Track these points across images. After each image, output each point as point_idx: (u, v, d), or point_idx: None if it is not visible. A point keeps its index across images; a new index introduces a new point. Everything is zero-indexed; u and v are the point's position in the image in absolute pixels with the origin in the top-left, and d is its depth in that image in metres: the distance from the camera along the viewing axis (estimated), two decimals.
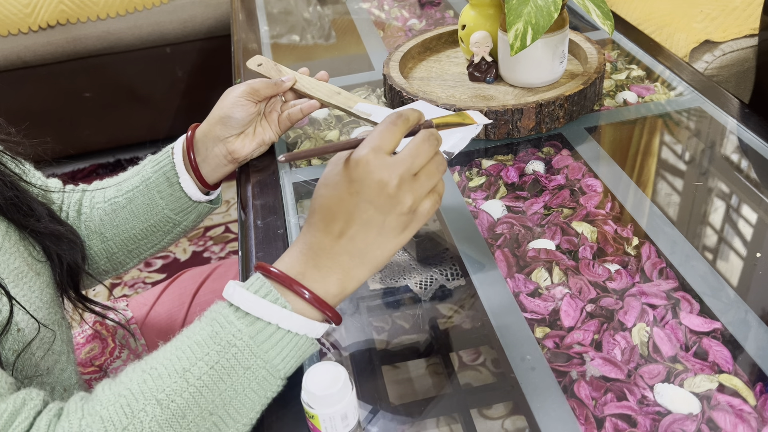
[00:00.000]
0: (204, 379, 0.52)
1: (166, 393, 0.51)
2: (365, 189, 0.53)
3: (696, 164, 0.85)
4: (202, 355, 0.52)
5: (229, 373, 0.52)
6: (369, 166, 0.53)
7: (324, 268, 0.55)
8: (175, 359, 0.52)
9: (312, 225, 0.56)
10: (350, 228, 0.54)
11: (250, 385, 0.53)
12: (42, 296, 0.66)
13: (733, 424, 0.53)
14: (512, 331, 0.63)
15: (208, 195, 0.86)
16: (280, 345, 0.53)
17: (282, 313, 0.53)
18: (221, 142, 0.82)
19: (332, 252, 0.55)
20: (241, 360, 0.52)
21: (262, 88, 0.84)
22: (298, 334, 0.54)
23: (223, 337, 0.53)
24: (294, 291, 0.54)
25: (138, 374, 0.53)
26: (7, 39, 2.01)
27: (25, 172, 0.76)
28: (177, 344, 0.54)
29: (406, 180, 0.53)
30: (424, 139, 0.55)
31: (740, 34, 1.38)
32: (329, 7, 1.49)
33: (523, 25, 0.84)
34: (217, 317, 0.54)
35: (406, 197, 0.54)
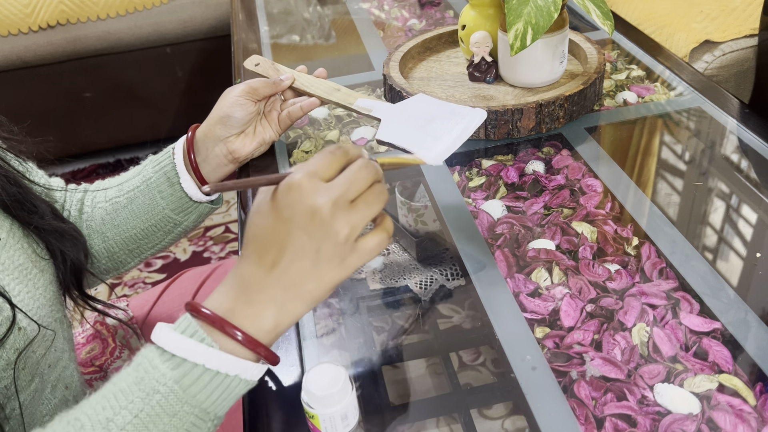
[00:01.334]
0: (128, 429, 0.49)
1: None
2: (297, 215, 0.49)
3: (696, 164, 0.85)
4: (126, 403, 0.49)
5: (154, 422, 0.49)
6: (301, 190, 0.49)
7: (256, 303, 0.51)
8: (100, 409, 0.50)
9: (244, 257, 0.52)
10: (282, 258, 0.50)
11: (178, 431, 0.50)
12: (45, 293, 0.67)
13: (733, 424, 0.53)
14: (512, 331, 0.63)
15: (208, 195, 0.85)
16: (209, 387, 0.50)
17: (208, 352, 0.49)
18: (221, 142, 0.82)
19: (264, 285, 0.51)
20: (166, 407, 0.49)
21: (261, 87, 0.84)
22: (228, 375, 0.50)
23: (147, 383, 0.49)
24: (224, 332, 0.50)
25: (63, 426, 0.50)
26: (7, 39, 2.01)
27: (28, 170, 0.76)
28: (103, 392, 0.51)
29: (341, 206, 0.49)
30: (362, 166, 0.51)
31: (740, 34, 1.38)
32: (329, 7, 1.49)
33: (523, 25, 0.84)
34: (143, 362, 0.50)
35: (340, 225, 0.49)
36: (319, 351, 0.64)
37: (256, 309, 0.51)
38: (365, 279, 0.73)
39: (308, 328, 0.67)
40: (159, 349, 0.50)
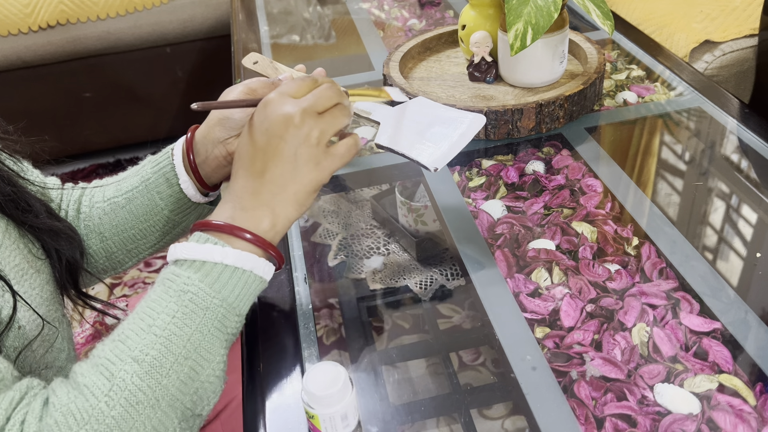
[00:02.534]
0: (170, 328, 0.54)
1: (139, 349, 0.54)
2: (272, 125, 0.58)
3: (696, 164, 0.85)
4: (161, 309, 0.55)
5: (191, 317, 0.55)
6: (274, 103, 0.58)
7: (250, 209, 0.58)
8: (138, 320, 0.55)
9: (233, 174, 0.60)
10: (266, 165, 0.58)
11: (213, 324, 0.55)
12: (42, 293, 0.67)
13: (733, 424, 0.53)
14: (512, 331, 0.63)
15: (207, 196, 0.85)
16: (230, 283, 0.56)
17: (224, 251, 0.56)
18: (221, 144, 0.82)
19: (255, 191, 0.58)
20: (198, 302, 0.55)
21: (259, 88, 0.83)
22: (244, 270, 0.57)
23: (175, 288, 0.56)
24: (234, 234, 0.57)
25: (108, 344, 0.55)
26: (7, 39, 2.01)
27: (23, 170, 0.76)
28: (136, 310, 0.56)
29: (309, 114, 0.58)
30: (328, 86, 0.61)
31: (740, 34, 1.38)
32: (329, 7, 1.49)
33: (523, 25, 0.84)
34: (166, 275, 0.57)
35: (311, 128, 0.58)
36: (319, 351, 0.64)
37: (252, 213, 0.58)
38: (365, 279, 0.73)
39: (308, 328, 0.67)
40: (177, 261, 0.57)
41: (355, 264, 0.75)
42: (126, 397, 0.52)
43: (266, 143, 0.58)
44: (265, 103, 0.59)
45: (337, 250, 0.77)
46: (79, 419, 0.51)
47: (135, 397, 0.52)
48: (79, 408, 0.52)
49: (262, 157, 0.58)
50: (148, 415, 0.52)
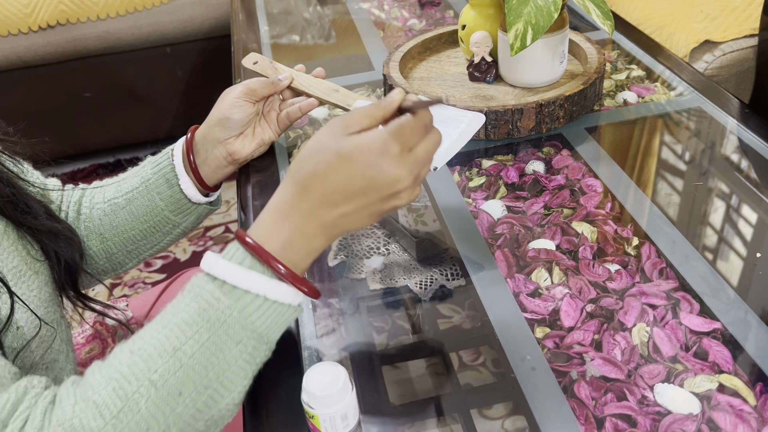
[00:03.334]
0: (196, 357, 0.52)
1: (159, 374, 0.51)
2: (379, 180, 0.53)
3: (696, 164, 0.85)
4: (191, 333, 0.52)
5: (221, 349, 0.52)
6: (393, 160, 0.53)
7: (311, 236, 0.55)
8: (164, 339, 0.52)
9: (305, 190, 0.54)
10: (348, 205, 0.54)
11: (242, 356, 0.53)
12: (40, 295, 0.67)
13: (733, 424, 0.53)
14: (512, 331, 0.63)
15: (207, 197, 0.85)
16: (266, 315, 0.54)
17: (270, 283, 0.54)
18: (221, 144, 0.82)
19: (322, 221, 0.55)
20: (232, 335, 0.53)
21: (259, 88, 0.83)
22: (283, 304, 0.55)
23: (212, 314, 0.53)
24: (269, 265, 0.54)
25: (127, 356, 0.52)
26: (7, 39, 2.01)
27: (23, 171, 0.76)
28: (164, 323, 0.54)
29: (416, 181, 0.55)
30: (436, 142, 0.57)
31: (740, 34, 1.38)
32: (329, 7, 1.49)
33: (523, 25, 0.84)
34: (202, 293, 0.54)
35: (407, 195, 0.56)
36: (319, 351, 0.64)
37: (310, 240, 0.55)
38: (365, 279, 0.73)
39: (308, 328, 0.67)
40: (217, 281, 0.54)
41: (355, 264, 0.75)
42: (137, 422, 0.50)
43: (362, 190, 0.54)
44: (384, 152, 0.53)
45: (337, 250, 0.77)
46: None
47: (146, 422, 0.50)
48: (83, 425, 0.49)
49: (351, 197, 0.54)
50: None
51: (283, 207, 0.55)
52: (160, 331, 0.53)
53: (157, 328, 0.54)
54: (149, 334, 0.54)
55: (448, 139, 0.73)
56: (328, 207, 0.54)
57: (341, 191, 0.54)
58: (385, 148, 0.53)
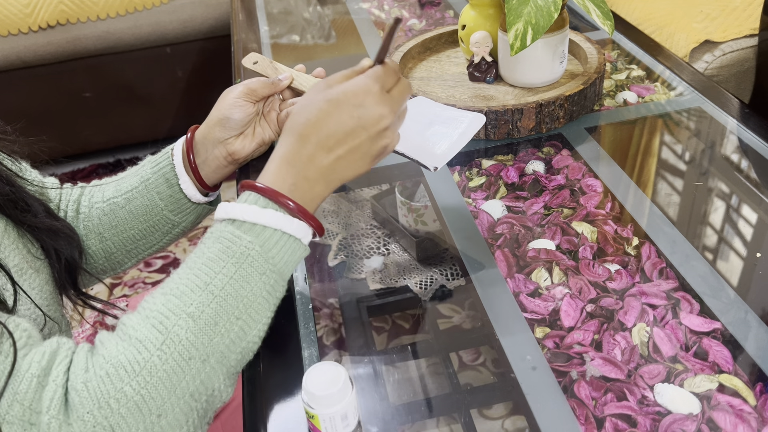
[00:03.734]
0: (227, 289, 0.56)
1: (195, 306, 0.55)
2: (366, 117, 0.59)
3: (696, 164, 0.85)
4: (219, 268, 0.56)
5: (247, 281, 0.56)
6: (374, 97, 0.59)
7: (312, 180, 0.60)
8: (194, 277, 0.56)
9: (303, 137, 0.60)
10: (342, 147, 0.59)
11: (266, 288, 0.57)
12: (41, 293, 0.67)
13: (733, 424, 0.53)
14: (512, 331, 0.63)
15: (207, 196, 0.85)
16: (283, 250, 0.58)
17: (285, 219, 0.58)
18: (221, 144, 0.82)
19: (320, 165, 0.60)
20: (257, 267, 0.57)
21: (259, 88, 0.83)
22: (296, 239, 0.59)
23: (236, 249, 0.57)
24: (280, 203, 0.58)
25: (159, 298, 0.56)
26: (7, 39, 2.01)
27: (21, 170, 0.76)
28: (190, 265, 0.57)
29: (398, 122, 0.62)
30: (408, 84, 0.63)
31: (740, 34, 1.38)
32: (329, 7, 1.49)
33: (523, 25, 0.84)
34: (224, 234, 0.58)
35: (393, 137, 0.62)
36: (319, 351, 0.64)
37: (313, 184, 0.60)
38: (365, 279, 0.73)
39: (308, 328, 0.67)
40: (237, 221, 0.58)
41: (355, 264, 0.75)
42: (180, 352, 0.53)
43: (352, 130, 0.59)
44: (367, 91, 0.60)
45: (337, 250, 0.77)
46: (130, 371, 0.52)
47: (188, 352, 0.53)
48: (130, 360, 0.52)
49: (343, 138, 0.59)
50: (199, 370, 0.54)
51: (285, 155, 0.60)
52: (189, 271, 0.57)
53: (185, 270, 0.57)
54: (178, 276, 0.57)
55: (448, 139, 0.73)
56: (324, 151, 0.59)
57: (334, 134, 0.59)
58: (367, 88, 0.60)
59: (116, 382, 0.51)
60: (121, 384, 0.51)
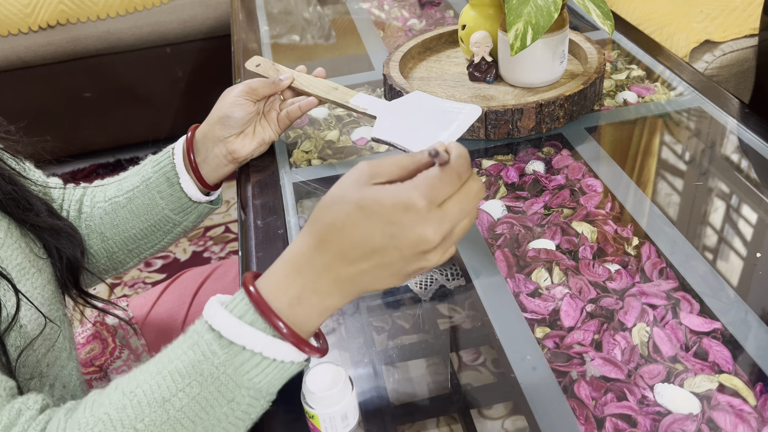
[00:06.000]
0: (185, 411, 0.50)
1: (145, 423, 0.50)
2: (403, 238, 0.47)
3: (696, 164, 0.85)
4: (183, 385, 0.50)
5: (211, 405, 0.50)
6: (418, 217, 0.47)
7: (322, 293, 0.50)
8: (156, 386, 0.51)
9: (324, 243, 0.49)
10: (367, 262, 0.49)
11: (234, 414, 0.51)
12: (43, 293, 0.67)
13: (733, 424, 0.53)
14: (512, 331, 0.63)
15: (208, 195, 0.86)
16: (265, 372, 0.51)
17: (266, 341, 0.50)
18: (221, 143, 0.82)
19: (337, 277, 0.50)
20: (224, 392, 0.50)
21: (260, 87, 0.84)
22: (284, 361, 0.51)
23: (205, 368, 0.50)
24: (271, 323, 0.50)
25: (118, 398, 0.51)
26: (7, 39, 2.01)
27: (24, 170, 0.76)
28: (159, 368, 0.52)
29: (445, 241, 0.49)
30: (476, 192, 0.50)
31: (740, 34, 1.38)
32: (329, 7, 1.49)
33: (523, 25, 0.84)
34: (199, 342, 0.51)
35: (435, 257, 0.49)
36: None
37: (322, 298, 0.50)
38: None
39: None
40: (215, 332, 0.50)
41: None
42: None
43: (382, 247, 0.48)
44: (408, 208, 0.47)
45: None
46: None
47: None
48: None
49: (369, 254, 0.48)
50: None
51: (296, 259, 0.51)
52: (154, 376, 0.51)
53: (152, 372, 0.52)
54: (143, 378, 0.52)
55: (444, 131, 0.73)
56: (344, 263, 0.49)
57: (359, 246, 0.48)
58: (409, 203, 0.47)
59: None
60: None
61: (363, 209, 0.48)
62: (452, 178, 0.48)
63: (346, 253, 0.49)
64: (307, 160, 0.92)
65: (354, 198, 0.48)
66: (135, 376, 0.52)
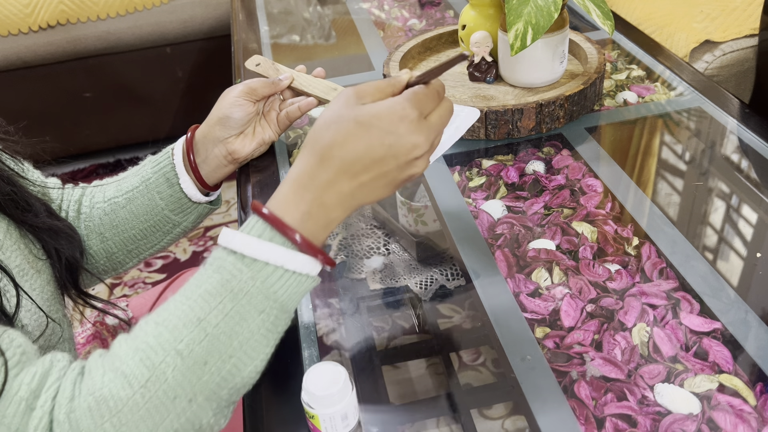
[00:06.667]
0: (221, 326, 0.52)
1: (185, 343, 0.52)
2: (398, 146, 0.53)
3: (696, 164, 0.85)
4: (215, 303, 0.53)
5: (244, 318, 0.53)
6: (411, 125, 0.53)
7: (329, 206, 0.54)
8: (188, 309, 0.53)
9: (325, 159, 0.54)
10: (367, 174, 0.54)
11: (265, 325, 0.54)
12: (43, 294, 0.67)
13: (733, 424, 0.53)
14: (512, 331, 0.63)
15: (208, 196, 0.86)
16: (287, 285, 0.54)
17: (287, 254, 0.53)
18: (221, 143, 0.82)
19: (341, 190, 0.54)
20: (255, 304, 0.53)
21: (259, 88, 0.84)
22: (302, 274, 0.55)
23: (234, 285, 0.53)
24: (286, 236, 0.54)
25: (152, 327, 0.53)
26: (7, 39, 2.01)
27: (23, 170, 0.76)
28: (187, 294, 0.54)
29: (430, 153, 0.56)
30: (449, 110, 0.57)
31: (740, 34, 1.38)
32: (329, 7, 1.49)
33: (523, 25, 0.84)
34: (225, 265, 0.54)
35: (422, 163, 0.56)
36: (319, 351, 0.64)
37: (329, 211, 0.55)
38: (365, 279, 0.73)
39: (308, 328, 0.67)
40: (237, 254, 0.54)
41: (355, 264, 0.75)
42: (164, 390, 0.51)
43: (381, 158, 0.53)
44: (402, 117, 0.53)
45: (337, 250, 0.77)
46: (112, 407, 0.50)
47: (173, 391, 0.51)
48: (113, 394, 0.51)
49: (370, 165, 0.54)
50: (184, 408, 0.52)
51: (301, 178, 0.55)
52: (185, 302, 0.54)
53: (181, 300, 0.54)
54: (173, 306, 0.54)
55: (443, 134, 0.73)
56: (347, 177, 0.54)
57: (361, 159, 0.53)
58: (403, 114, 0.53)
59: (97, 418, 0.50)
60: (101, 420, 0.50)
61: (362, 124, 0.53)
62: (434, 95, 0.56)
63: (348, 167, 0.53)
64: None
65: (351, 115, 0.54)
66: (163, 308, 0.55)
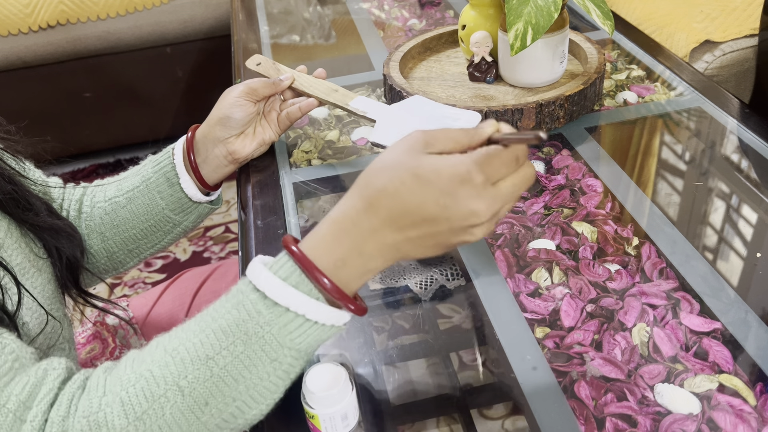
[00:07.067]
0: (228, 368, 0.50)
1: (188, 380, 0.50)
2: (454, 210, 0.48)
3: (696, 164, 0.85)
4: (227, 344, 0.50)
5: (254, 363, 0.51)
6: (473, 191, 0.48)
7: (367, 256, 0.50)
8: (199, 344, 0.51)
9: (374, 206, 0.49)
10: (415, 230, 0.49)
11: (276, 373, 0.52)
12: (44, 293, 0.67)
13: (733, 424, 0.53)
14: (512, 331, 0.63)
15: (208, 196, 0.86)
16: (307, 333, 0.51)
17: (310, 304, 0.50)
18: (221, 143, 0.82)
19: (384, 242, 0.50)
20: (268, 351, 0.51)
21: (260, 88, 0.84)
22: (324, 324, 0.52)
23: (250, 327, 0.50)
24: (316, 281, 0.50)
25: (161, 354, 0.52)
26: (7, 39, 2.01)
27: (25, 170, 0.76)
28: (202, 326, 0.52)
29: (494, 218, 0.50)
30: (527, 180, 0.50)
31: (740, 34, 1.38)
32: (329, 7, 1.49)
33: (523, 25, 0.84)
34: (244, 302, 0.51)
35: (480, 232, 0.50)
36: (319, 351, 0.64)
37: (366, 260, 0.51)
38: None
39: None
40: (260, 293, 0.51)
41: None
42: (159, 426, 0.50)
43: (433, 218, 0.48)
44: (465, 180, 0.47)
45: None
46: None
47: (169, 428, 0.50)
48: (107, 421, 0.49)
49: (420, 223, 0.49)
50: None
51: (343, 221, 0.51)
52: (197, 334, 0.52)
53: (194, 330, 0.52)
54: (185, 336, 0.52)
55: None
56: (392, 229, 0.49)
57: (410, 214, 0.49)
58: (467, 177, 0.47)
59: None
60: None
61: (419, 177, 0.48)
62: (511, 160, 0.49)
63: (396, 219, 0.49)
64: (307, 160, 0.92)
65: (410, 165, 0.48)
66: (176, 335, 0.53)
